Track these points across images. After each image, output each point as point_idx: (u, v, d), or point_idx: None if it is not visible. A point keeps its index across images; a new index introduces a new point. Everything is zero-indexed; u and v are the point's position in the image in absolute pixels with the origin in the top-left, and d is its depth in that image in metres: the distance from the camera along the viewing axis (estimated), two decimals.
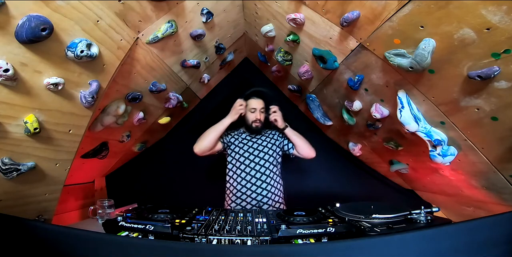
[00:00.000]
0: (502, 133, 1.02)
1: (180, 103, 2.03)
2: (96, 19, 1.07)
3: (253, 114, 1.73)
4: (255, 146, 1.72)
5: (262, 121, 1.73)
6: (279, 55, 1.88)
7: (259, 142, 1.74)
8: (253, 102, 1.74)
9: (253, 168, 1.64)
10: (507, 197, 1.24)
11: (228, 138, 1.77)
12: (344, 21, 1.21)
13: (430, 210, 1.06)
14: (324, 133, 2.40)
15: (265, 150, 1.70)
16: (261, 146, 1.72)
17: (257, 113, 1.72)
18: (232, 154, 1.72)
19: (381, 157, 1.98)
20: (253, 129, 1.74)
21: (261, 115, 1.73)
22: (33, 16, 0.82)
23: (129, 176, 2.31)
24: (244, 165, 1.66)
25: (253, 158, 1.67)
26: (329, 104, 1.96)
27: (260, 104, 1.74)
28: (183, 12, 1.49)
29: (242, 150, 1.71)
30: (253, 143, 1.73)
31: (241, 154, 1.69)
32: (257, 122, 1.72)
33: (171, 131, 2.50)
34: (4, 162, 0.91)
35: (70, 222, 1.65)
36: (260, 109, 1.73)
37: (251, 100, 1.75)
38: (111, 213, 1.57)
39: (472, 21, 0.83)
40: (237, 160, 1.69)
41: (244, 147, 1.72)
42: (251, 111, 1.73)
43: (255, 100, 1.75)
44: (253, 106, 1.73)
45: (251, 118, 1.73)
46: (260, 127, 1.74)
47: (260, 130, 1.75)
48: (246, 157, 1.67)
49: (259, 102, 1.75)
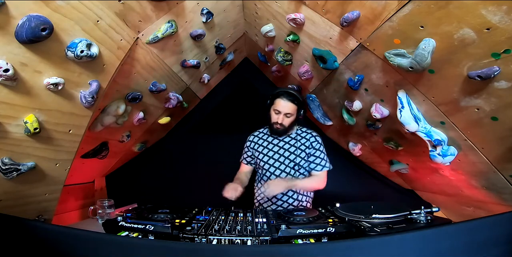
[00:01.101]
0: (502, 133, 1.02)
1: (180, 103, 2.03)
2: (96, 19, 1.07)
3: (276, 115, 1.55)
4: (280, 151, 1.61)
5: (285, 125, 1.55)
6: (279, 55, 1.88)
7: (285, 146, 1.62)
8: (280, 103, 1.53)
9: (279, 175, 1.59)
10: (507, 197, 1.24)
11: (252, 151, 1.67)
12: (344, 21, 1.21)
13: (430, 210, 1.06)
14: (324, 133, 2.40)
15: (290, 157, 1.59)
16: (287, 151, 1.60)
17: (280, 116, 1.53)
18: (260, 156, 1.64)
19: (381, 157, 1.98)
20: (273, 130, 1.59)
21: (285, 119, 1.54)
22: (33, 16, 0.82)
23: (129, 176, 2.31)
24: (269, 172, 1.61)
25: (279, 164, 1.60)
26: (329, 104, 1.96)
27: (286, 108, 1.52)
28: (183, 12, 1.49)
29: (266, 156, 1.62)
30: (278, 148, 1.62)
31: (265, 161, 1.62)
32: (277, 125, 1.55)
33: (171, 131, 2.50)
34: (4, 162, 0.91)
35: (70, 222, 1.65)
36: (286, 113, 1.53)
37: (279, 100, 1.54)
38: (111, 213, 1.56)
39: (472, 21, 0.83)
40: (261, 167, 1.63)
41: (269, 153, 1.62)
42: (275, 112, 1.55)
43: (283, 102, 1.52)
44: (277, 107, 1.53)
45: (273, 119, 1.57)
46: (282, 130, 1.57)
47: (281, 133, 1.60)
48: (271, 164, 1.61)
49: (286, 105, 1.52)
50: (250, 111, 2.53)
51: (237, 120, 2.56)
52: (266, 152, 1.63)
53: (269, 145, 1.65)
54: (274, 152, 1.62)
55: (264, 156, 1.63)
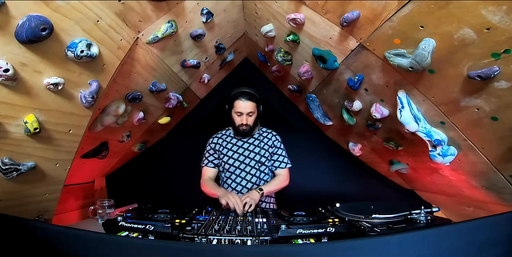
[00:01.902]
0: (502, 133, 1.02)
1: (180, 103, 2.03)
2: (96, 19, 1.07)
3: (239, 117, 1.55)
4: (245, 153, 1.61)
5: (250, 124, 1.56)
6: (279, 55, 1.88)
7: (249, 147, 1.63)
8: (239, 104, 1.52)
9: (241, 175, 1.59)
10: (507, 197, 1.24)
11: (217, 153, 1.64)
12: (344, 21, 1.21)
13: (430, 210, 1.06)
14: (324, 133, 2.41)
15: (256, 157, 1.60)
16: (252, 152, 1.61)
17: (243, 117, 1.53)
18: (224, 159, 1.62)
19: (381, 157, 1.98)
20: (239, 132, 1.59)
21: (249, 119, 1.54)
22: (33, 16, 0.82)
23: (129, 176, 2.31)
24: (232, 173, 1.61)
25: (242, 166, 1.60)
26: (329, 104, 1.96)
27: (247, 108, 1.52)
28: (183, 12, 1.49)
29: (230, 158, 1.61)
30: (243, 149, 1.62)
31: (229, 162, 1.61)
32: (243, 126, 1.56)
33: (171, 131, 2.50)
34: (4, 162, 0.91)
35: (70, 222, 1.64)
36: (248, 113, 1.53)
37: (238, 101, 1.53)
38: (111, 213, 1.56)
39: (472, 21, 0.83)
40: (226, 169, 1.62)
41: (234, 155, 1.61)
42: (237, 115, 1.55)
43: (243, 103, 1.52)
44: (238, 109, 1.53)
45: (237, 122, 1.56)
46: (248, 130, 1.58)
47: (248, 133, 1.60)
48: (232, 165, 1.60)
49: (246, 105, 1.52)
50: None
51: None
52: (231, 154, 1.62)
53: (233, 147, 1.64)
54: (239, 154, 1.62)
55: (229, 158, 1.61)
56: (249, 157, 1.61)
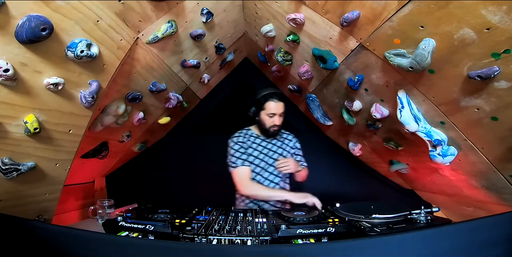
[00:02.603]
0: (502, 133, 1.02)
1: (180, 103, 2.03)
2: (96, 19, 1.07)
3: (271, 119, 1.55)
4: (270, 153, 1.63)
5: (280, 125, 1.58)
6: (279, 55, 1.88)
7: (269, 146, 1.65)
8: (272, 105, 1.53)
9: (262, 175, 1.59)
10: (507, 197, 1.24)
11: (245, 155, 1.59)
12: (344, 21, 1.21)
13: (430, 210, 1.06)
14: (324, 133, 2.41)
15: (274, 156, 1.62)
16: (276, 153, 1.64)
17: (276, 118, 1.54)
18: (250, 159, 1.60)
19: (381, 157, 1.98)
20: (270, 133, 1.59)
21: (280, 119, 1.56)
22: (33, 16, 0.82)
23: (129, 176, 2.31)
24: (255, 173, 1.59)
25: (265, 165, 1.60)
26: (329, 104, 1.96)
27: (280, 109, 1.53)
28: (183, 12, 1.49)
29: (255, 158, 1.60)
30: (263, 148, 1.63)
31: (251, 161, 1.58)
32: (275, 127, 1.57)
33: (171, 131, 2.50)
34: (4, 162, 0.91)
35: (70, 222, 1.65)
36: (280, 113, 1.55)
37: (270, 103, 1.53)
38: (111, 213, 1.56)
39: (472, 21, 0.83)
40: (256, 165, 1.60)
41: (260, 155, 1.61)
42: (270, 116, 1.54)
43: (275, 104, 1.53)
44: (272, 111, 1.53)
45: (269, 123, 1.56)
46: (278, 130, 1.60)
47: (277, 133, 1.63)
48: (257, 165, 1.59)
49: (279, 105, 1.53)
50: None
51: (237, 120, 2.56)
52: (256, 155, 1.61)
53: (258, 147, 1.63)
54: (264, 154, 1.62)
55: (254, 158, 1.60)
56: (272, 157, 1.62)
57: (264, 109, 1.54)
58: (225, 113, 2.59)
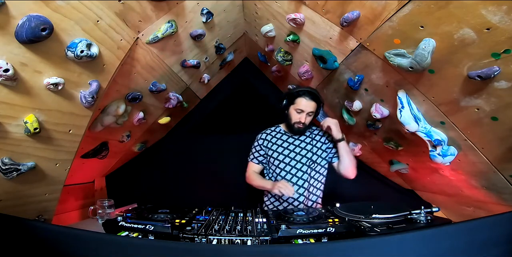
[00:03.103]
0: (502, 133, 1.02)
1: (180, 103, 2.03)
2: (96, 19, 1.07)
3: (298, 115, 1.54)
4: (297, 150, 1.60)
5: (307, 124, 1.56)
6: (279, 55, 1.88)
7: (301, 144, 1.62)
8: (302, 102, 1.52)
9: (295, 174, 1.57)
10: (507, 197, 1.24)
11: (265, 150, 1.64)
12: (344, 21, 1.21)
13: (430, 210, 1.06)
14: None
15: (308, 155, 1.59)
16: (304, 150, 1.60)
17: (303, 115, 1.53)
18: (274, 155, 1.61)
19: (381, 157, 1.98)
20: (294, 129, 1.59)
21: (307, 118, 1.55)
22: (33, 16, 0.82)
23: (129, 176, 2.31)
24: (285, 171, 1.58)
25: (295, 163, 1.58)
26: (329, 104, 1.96)
27: (309, 107, 1.52)
28: (183, 12, 1.49)
29: (281, 155, 1.60)
30: (294, 146, 1.61)
31: (281, 159, 1.59)
32: (300, 124, 1.55)
33: (171, 131, 2.50)
34: (4, 162, 0.91)
35: (70, 222, 1.65)
36: (309, 112, 1.53)
37: (301, 99, 1.52)
38: (111, 213, 1.56)
39: (472, 21, 0.83)
40: (276, 166, 1.60)
41: (284, 151, 1.60)
42: (297, 112, 1.54)
43: (306, 101, 1.52)
44: (300, 107, 1.52)
45: (295, 119, 1.56)
46: (303, 129, 1.58)
47: (302, 131, 1.61)
48: (287, 163, 1.58)
49: (309, 104, 1.52)
50: (250, 111, 2.53)
51: (237, 120, 2.56)
52: (281, 151, 1.60)
53: (284, 143, 1.63)
54: (290, 150, 1.60)
55: (279, 154, 1.60)
56: (300, 154, 1.59)
57: (294, 103, 1.55)
58: (225, 113, 2.59)
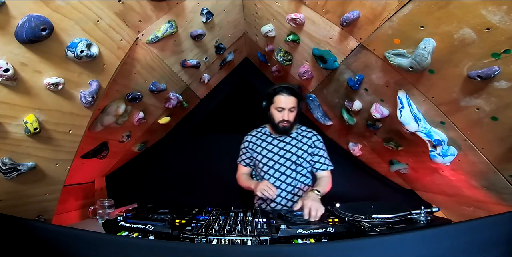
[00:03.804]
0: (502, 133, 1.02)
1: (180, 103, 2.03)
2: (96, 19, 1.07)
3: (280, 113, 1.49)
4: (281, 152, 1.56)
5: (291, 121, 1.50)
6: (279, 55, 1.88)
7: (286, 147, 1.57)
8: (281, 99, 1.47)
9: (272, 175, 1.55)
10: (507, 197, 1.24)
11: (251, 152, 1.61)
12: (344, 21, 1.21)
13: (430, 210, 1.06)
14: (324, 133, 2.40)
15: (292, 158, 1.54)
16: (289, 152, 1.55)
17: (285, 113, 1.47)
18: (258, 157, 1.58)
19: (381, 157, 1.98)
20: (280, 129, 1.53)
21: (290, 115, 1.48)
22: (33, 16, 0.82)
23: (129, 176, 2.31)
24: (268, 175, 1.56)
25: (279, 166, 1.54)
26: (329, 104, 1.96)
27: (289, 103, 1.47)
28: (183, 12, 1.49)
29: (265, 158, 1.56)
30: (279, 149, 1.57)
31: (265, 162, 1.56)
32: (284, 123, 1.50)
33: (171, 131, 2.50)
34: (4, 162, 0.91)
35: (70, 222, 1.64)
36: (290, 108, 1.47)
37: (279, 96, 1.47)
38: (111, 213, 1.56)
39: (472, 21, 0.83)
40: (260, 169, 1.58)
41: (268, 154, 1.56)
42: (278, 110, 1.49)
43: (284, 98, 1.46)
44: (280, 105, 1.47)
45: (277, 118, 1.50)
46: (288, 127, 1.52)
47: (288, 130, 1.54)
48: (270, 166, 1.55)
49: (289, 100, 1.46)
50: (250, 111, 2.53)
51: (237, 120, 2.56)
52: (265, 153, 1.57)
53: (268, 145, 1.59)
54: (273, 153, 1.57)
55: (263, 157, 1.57)
56: (284, 157, 1.54)
57: (274, 102, 1.50)
58: (225, 113, 2.59)
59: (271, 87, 1.55)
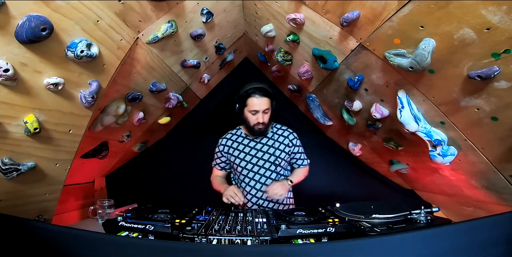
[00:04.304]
0: (502, 133, 1.02)
1: (180, 103, 2.03)
2: (96, 19, 1.07)
3: (254, 116, 1.44)
4: (258, 154, 1.52)
5: (266, 122, 1.45)
6: (279, 55, 1.88)
7: (263, 148, 1.52)
8: (254, 101, 1.41)
9: (252, 178, 1.51)
10: (507, 197, 1.24)
11: (227, 156, 1.57)
12: (344, 21, 1.21)
13: (430, 210, 1.06)
14: (324, 133, 2.41)
15: (271, 159, 1.51)
16: (266, 153, 1.51)
17: (259, 115, 1.42)
18: (236, 161, 1.53)
19: (381, 157, 1.98)
20: (256, 132, 1.48)
21: (265, 116, 1.43)
22: (33, 16, 0.82)
23: (129, 176, 2.31)
24: (246, 176, 1.52)
25: (257, 169, 1.50)
26: (329, 104, 1.96)
27: (263, 105, 1.42)
28: (183, 12, 1.49)
29: (243, 161, 1.52)
30: (256, 151, 1.53)
31: (243, 166, 1.52)
32: (259, 125, 1.44)
33: (171, 131, 2.50)
34: (4, 162, 0.91)
35: (70, 222, 1.65)
36: (264, 110, 1.42)
37: (252, 99, 1.42)
38: (111, 213, 1.56)
39: (472, 21, 0.83)
40: (239, 172, 1.54)
41: (246, 157, 1.52)
42: (252, 113, 1.44)
43: (258, 100, 1.41)
44: (254, 107, 1.42)
45: (252, 121, 1.45)
46: (264, 129, 1.47)
47: (264, 132, 1.50)
48: (249, 169, 1.51)
49: (262, 102, 1.41)
50: None
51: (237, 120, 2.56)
52: (243, 157, 1.52)
53: (245, 148, 1.53)
54: (251, 155, 1.52)
55: (241, 161, 1.51)
56: (263, 158, 1.51)
57: (247, 105, 1.44)
58: (225, 113, 2.59)
59: (243, 88, 1.49)
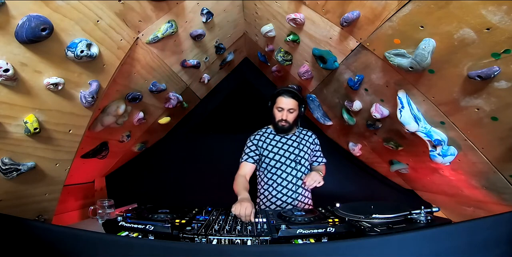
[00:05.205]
0: (502, 133, 1.02)
1: (180, 103, 2.03)
2: (96, 19, 1.07)
3: (280, 113, 1.61)
4: (285, 147, 1.65)
5: (289, 121, 1.61)
6: (279, 55, 1.88)
7: (289, 142, 1.67)
8: (282, 100, 1.59)
9: (284, 170, 1.61)
10: (507, 197, 1.24)
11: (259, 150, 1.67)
12: (344, 21, 1.21)
13: (430, 210, 1.06)
14: (324, 133, 2.40)
15: (296, 151, 1.64)
16: (292, 147, 1.65)
17: (284, 112, 1.59)
18: (263, 158, 1.65)
19: (381, 157, 1.98)
20: (279, 128, 1.64)
21: (289, 115, 1.59)
22: (33, 16, 0.82)
23: (129, 176, 2.31)
24: (275, 168, 1.62)
25: (284, 160, 1.62)
26: (329, 104, 1.96)
27: (288, 104, 1.58)
28: (183, 12, 1.49)
29: (271, 153, 1.64)
30: (283, 144, 1.66)
31: (271, 157, 1.63)
32: (283, 122, 1.61)
33: (171, 131, 2.50)
34: (4, 162, 0.91)
35: (70, 222, 1.65)
36: (289, 109, 1.58)
37: (281, 98, 1.60)
38: (111, 213, 1.56)
39: (472, 21, 0.83)
40: (267, 163, 1.64)
41: (274, 149, 1.65)
42: (278, 110, 1.61)
43: (285, 99, 1.58)
44: (281, 105, 1.59)
45: (277, 117, 1.62)
46: (287, 127, 1.62)
47: (287, 130, 1.65)
48: (277, 160, 1.62)
49: (288, 101, 1.58)
50: (250, 111, 2.53)
51: (237, 120, 2.56)
52: (271, 149, 1.65)
53: (272, 142, 1.67)
54: (278, 148, 1.65)
55: (269, 152, 1.64)
56: (288, 151, 1.65)
57: (276, 103, 1.62)
58: (225, 113, 2.60)
59: (277, 89, 1.67)
